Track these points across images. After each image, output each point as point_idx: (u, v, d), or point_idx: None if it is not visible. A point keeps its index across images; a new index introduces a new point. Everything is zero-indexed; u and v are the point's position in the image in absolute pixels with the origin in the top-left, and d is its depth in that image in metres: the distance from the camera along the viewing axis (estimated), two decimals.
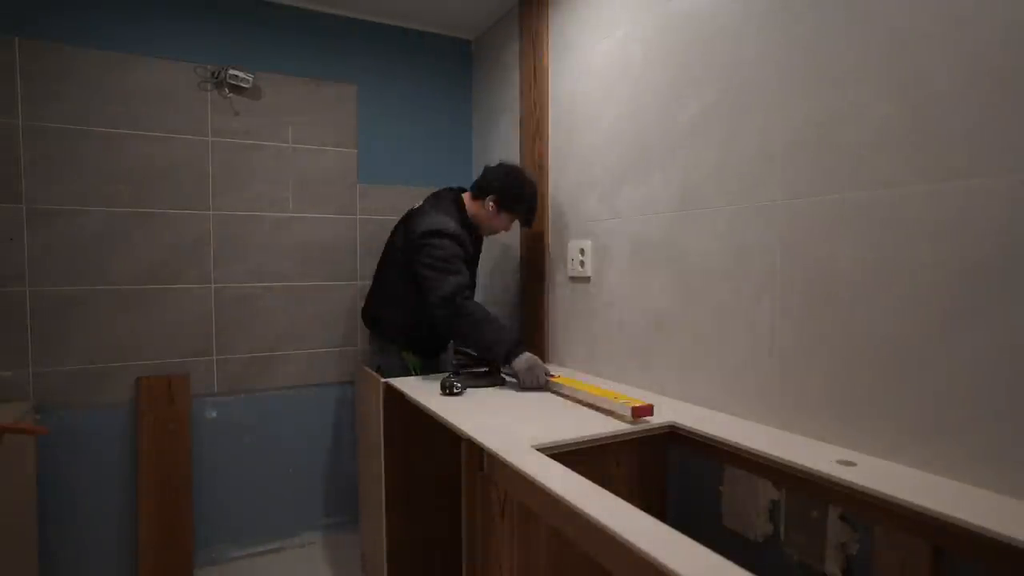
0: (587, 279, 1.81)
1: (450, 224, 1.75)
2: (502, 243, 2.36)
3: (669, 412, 1.32)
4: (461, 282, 1.68)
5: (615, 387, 1.61)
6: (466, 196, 1.91)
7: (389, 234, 2.08)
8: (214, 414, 2.17)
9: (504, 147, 2.33)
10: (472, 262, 1.92)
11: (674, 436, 1.26)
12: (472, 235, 1.87)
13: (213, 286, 2.15)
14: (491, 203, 1.83)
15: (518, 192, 1.82)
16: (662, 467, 1.31)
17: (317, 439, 2.36)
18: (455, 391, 1.48)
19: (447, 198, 1.89)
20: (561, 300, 1.96)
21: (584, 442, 1.15)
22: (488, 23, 2.44)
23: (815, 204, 1.11)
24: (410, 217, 1.92)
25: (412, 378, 1.79)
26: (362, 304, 2.16)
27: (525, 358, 1.58)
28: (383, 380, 1.66)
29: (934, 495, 0.84)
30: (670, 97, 1.46)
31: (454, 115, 2.59)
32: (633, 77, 1.59)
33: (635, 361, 1.61)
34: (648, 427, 1.23)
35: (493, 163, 1.93)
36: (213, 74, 2.10)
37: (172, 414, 2.06)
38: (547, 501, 0.90)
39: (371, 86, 2.40)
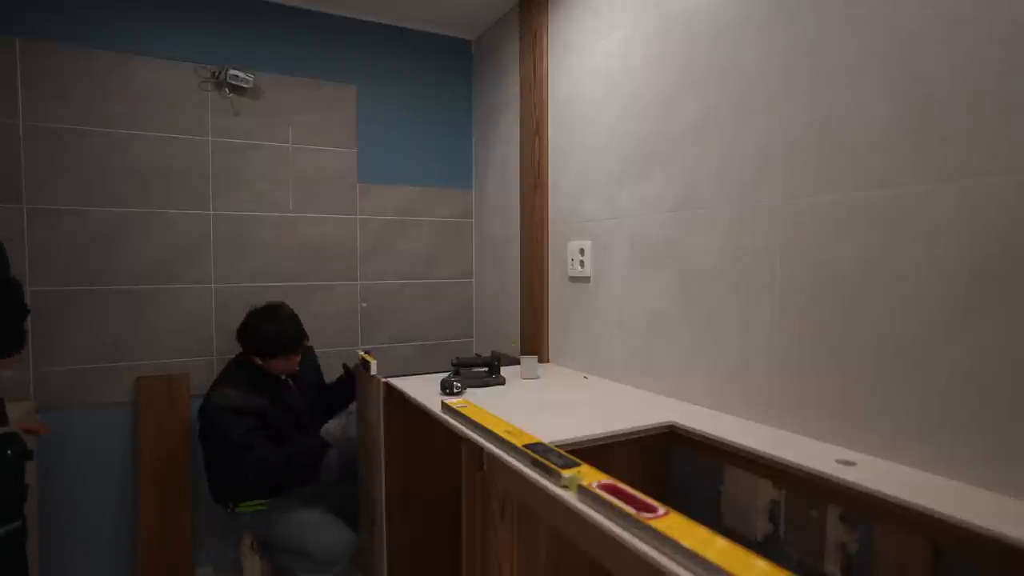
0: (587, 279, 1.81)
1: (233, 397, 1.79)
2: (502, 243, 2.36)
3: (669, 412, 1.32)
4: (258, 457, 1.74)
5: (615, 387, 1.62)
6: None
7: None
8: None
9: (504, 147, 2.33)
10: (284, 398, 1.95)
11: (674, 436, 1.26)
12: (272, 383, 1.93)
13: (213, 286, 2.15)
14: (258, 360, 1.90)
15: (267, 341, 1.88)
16: (662, 467, 1.31)
17: None
18: (455, 391, 1.49)
19: (234, 367, 1.93)
20: (561, 300, 1.96)
21: (584, 442, 1.16)
22: (488, 23, 2.44)
23: (815, 204, 1.11)
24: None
25: (412, 378, 1.79)
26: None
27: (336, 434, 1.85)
28: (383, 380, 1.66)
29: (934, 495, 0.84)
30: (671, 97, 1.46)
31: (454, 115, 2.59)
32: (633, 77, 1.59)
33: (635, 361, 1.61)
34: (648, 427, 1.24)
35: (493, 162, 1.93)
36: (213, 74, 2.10)
37: (172, 414, 2.06)
38: (547, 501, 0.90)
39: (371, 86, 2.40)
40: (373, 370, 1.75)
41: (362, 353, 1.79)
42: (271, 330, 1.89)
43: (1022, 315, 0.82)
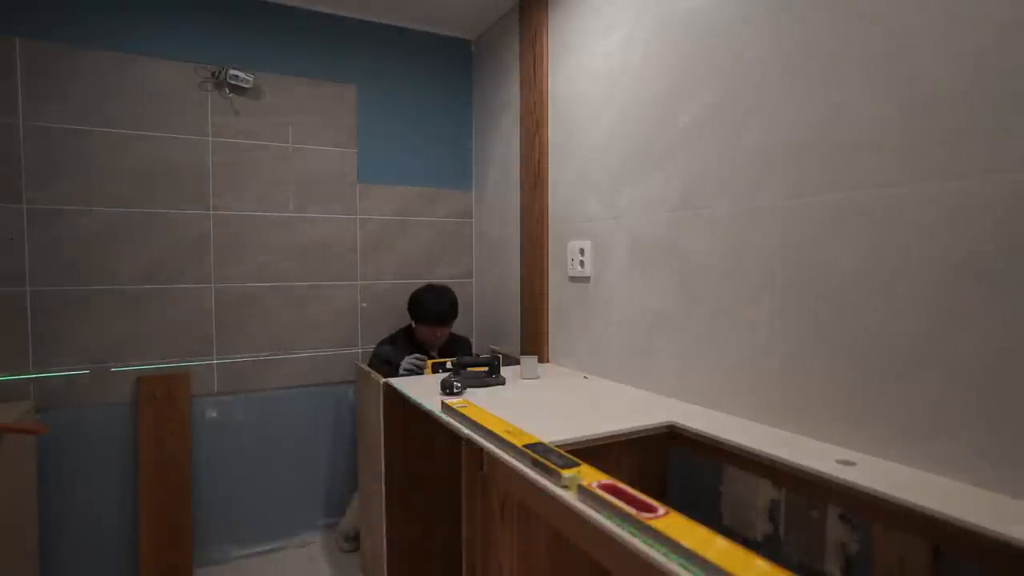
0: (587, 279, 1.81)
1: (383, 347, 2.23)
2: (502, 243, 2.36)
3: (669, 412, 1.32)
4: (382, 356, 2.20)
5: (615, 387, 1.62)
6: None
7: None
8: (214, 414, 2.17)
9: (504, 147, 2.33)
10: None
11: (674, 436, 1.26)
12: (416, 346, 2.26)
13: (213, 286, 2.15)
14: (412, 323, 2.26)
15: (414, 307, 2.21)
16: (662, 467, 1.31)
17: (317, 439, 2.37)
18: (455, 391, 1.49)
19: (404, 328, 2.33)
20: (561, 300, 1.96)
21: (584, 442, 1.16)
22: (488, 23, 2.44)
23: (815, 204, 1.11)
24: None
25: (412, 378, 1.80)
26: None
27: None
28: (383, 380, 1.66)
29: (934, 495, 0.84)
30: (670, 97, 1.46)
31: (454, 115, 2.60)
32: (633, 77, 1.59)
33: (635, 361, 1.61)
34: (648, 427, 1.24)
35: (493, 162, 1.94)
36: (213, 74, 2.10)
37: (172, 414, 2.06)
38: (547, 501, 0.90)
39: (371, 86, 2.40)
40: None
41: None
42: (418, 298, 2.21)
43: (1020, 315, 0.83)
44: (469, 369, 1.68)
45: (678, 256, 1.45)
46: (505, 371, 1.73)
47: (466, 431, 1.19)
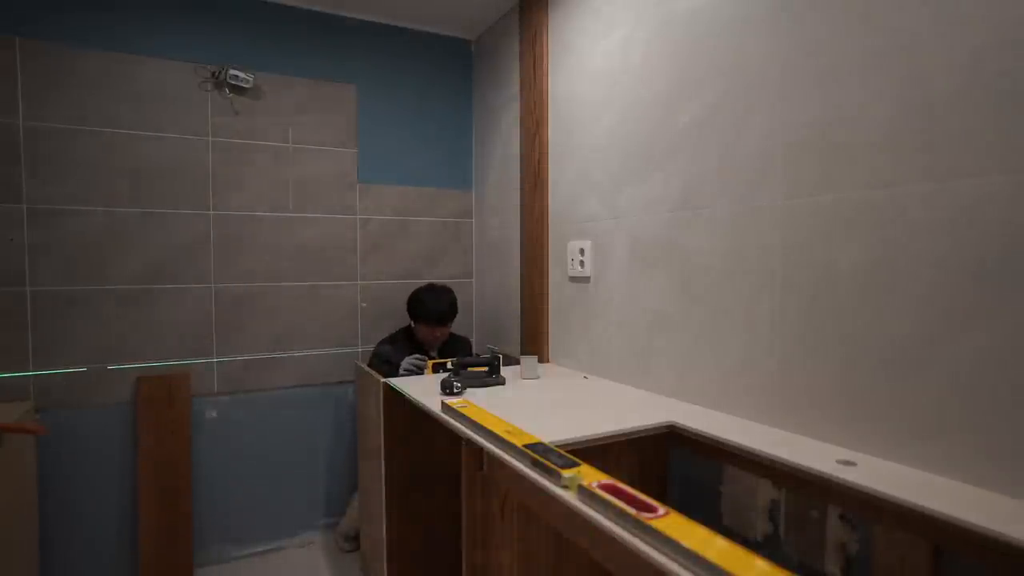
0: (587, 279, 1.81)
1: (383, 347, 2.23)
2: (502, 243, 2.36)
3: (669, 412, 1.32)
4: (382, 356, 2.20)
5: (615, 387, 1.62)
6: None
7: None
8: (214, 414, 2.17)
9: (503, 147, 2.33)
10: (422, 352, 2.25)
11: (674, 436, 1.26)
12: (416, 346, 2.25)
13: (213, 286, 2.15)
14: (411, 323, 2.25)
15: (414, 306, 2.20)
16: (662, 467, 1.31)
17: (317, 439, 2.36)
18: (455, 391, 1.49)
19: (403, 328, 2.32)
20: (561, 300, 1.96)
21: (584, 442, 1.16)
22: (488, 23, 2.44)
23: (815, 204, 1.11)
24: None
25: (412, 378, 1.80)
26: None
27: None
28: (383, 380, 1.66)
29: (934, 495, 0.84)
30: (670, 97, 1.46)
31: (454, 115, 2.59)
32: (634, 77, 1.59)
33: (635, 361, 1.61)
34: (648, 427, 1.24)
35: (493, 162, 1.94)
36: (213, 74, 2.10)
37: (172, 414, 2.06)
38: (547, 501, 0.90)
39: (371, 86, 2.40)
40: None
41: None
42: (418, 297, 2.20)
43: (1021, 315, 0.82)
44: (469, 369, 1.68)
45: (678, 256, 1.45)
46: (505, 371, 1.73)
47: (466, 431, 1.19)
